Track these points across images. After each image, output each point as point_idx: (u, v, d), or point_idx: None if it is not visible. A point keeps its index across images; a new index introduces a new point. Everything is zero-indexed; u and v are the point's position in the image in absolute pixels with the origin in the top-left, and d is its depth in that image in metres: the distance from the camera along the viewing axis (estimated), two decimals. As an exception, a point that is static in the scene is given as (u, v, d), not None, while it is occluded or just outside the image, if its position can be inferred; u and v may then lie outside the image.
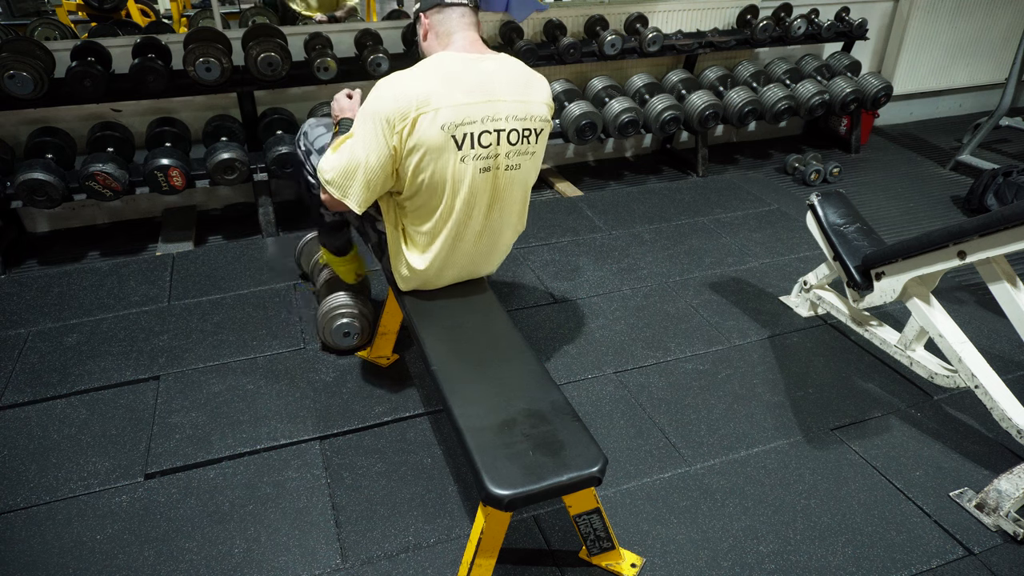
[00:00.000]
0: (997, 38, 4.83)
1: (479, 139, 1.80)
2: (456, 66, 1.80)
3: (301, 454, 2.07)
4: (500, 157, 1.86)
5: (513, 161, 1.89)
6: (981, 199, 3.60)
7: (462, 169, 1.82)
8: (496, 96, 1.82)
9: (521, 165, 1.92)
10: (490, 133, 1.82)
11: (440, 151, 1.78)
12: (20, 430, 2.14)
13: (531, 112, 1.88)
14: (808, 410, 2.26)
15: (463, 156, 1.80)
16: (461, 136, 1.78)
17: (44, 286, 2.89)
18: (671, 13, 4.02)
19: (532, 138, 1.90)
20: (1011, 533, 1.82)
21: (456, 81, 1.77)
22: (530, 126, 1.89)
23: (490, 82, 1.81)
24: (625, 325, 2.66)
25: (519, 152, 1.89)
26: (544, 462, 1.47)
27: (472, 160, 1.82)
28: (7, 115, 3.10)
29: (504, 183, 1.92)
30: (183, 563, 1.74)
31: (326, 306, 2.42)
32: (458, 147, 1.78)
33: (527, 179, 1.99)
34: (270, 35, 3.20)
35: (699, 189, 3.89)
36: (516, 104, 1.85)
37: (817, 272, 2.63)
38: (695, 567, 1.74)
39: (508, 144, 1.86)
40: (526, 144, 1.89)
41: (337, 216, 2.27)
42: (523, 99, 1.86)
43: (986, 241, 1.92)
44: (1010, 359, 2.50)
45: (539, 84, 1.93)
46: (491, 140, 1.82)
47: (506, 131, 1.84)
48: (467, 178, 1.83)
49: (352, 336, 2.44)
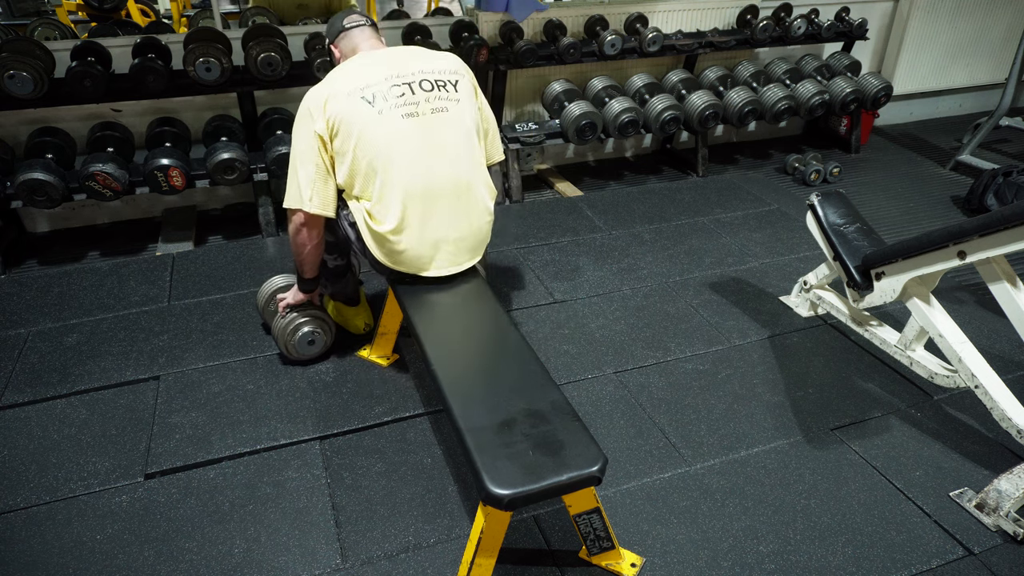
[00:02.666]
0: (997, 38, 4.83)
1: (388, 92, 1.98)
2: (356, 59, 2.09)
3: (301, 454, 2.07)
4: (421, 104, 2.00)
5: (436, 104, 2.03)
6: (981, 199, 3.60)
7: (383, 122, 1.96)
8: (396, 60, 2.05)
9: (448, 108, 2.04)
10: (398, 86, 2.00)
11: (356, 115, 1.94)
12: (20, 430, 2.14)
13: (437, 67, 2.08)
14: (808, 410, 2.26)
15: (379, 110, 1.96)
16: (371, 96, 1.96)
17: (44, 286, 2.89)
18: (671, 13, 4.02)
19: (449, 87, 2.06)
20: (1011, 533, 1.82)
21: (355, 65, 2.04)
22: (443, 77, 2.07)
23: (389, 54, 2.09)
24: (625, 325, 2.66)
25: (439, 97, 2.04)
26: (544, 462, 1.47)
27: (390, 110, 1.97)
28: (7, 115, 3.10)
29: (438, 125, 2.02)
30: (183, 563, 1.74)
31: (287, 317, 2.34)
32: (371, 103, 1.96)
33: (462, 121, 2.07)
34: (270, 35, 3.20)
35: (699, 189, 3.89)
36: (419, 62, 2.07)
37: (817, 272, 2.63)
38: (695, 567, 1.74)
39: (422, 91, 2.02)
40: (444, 91, 2.05)
41: (339, 260, 2.36)
42: (426, 58, 2.10)
43: (986, 241, 1.92)
44: (1010, 359, 2.50)
45: (445, 55, 2.16)
46: (402, 91, 1.99)
47: (416, 80, 2.02)
48: (390, 127, 1.96)
49: (317, 344, 2.39)
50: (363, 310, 2.59)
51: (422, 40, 3.43)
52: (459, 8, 4.73)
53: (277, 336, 2.37)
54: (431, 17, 4.52)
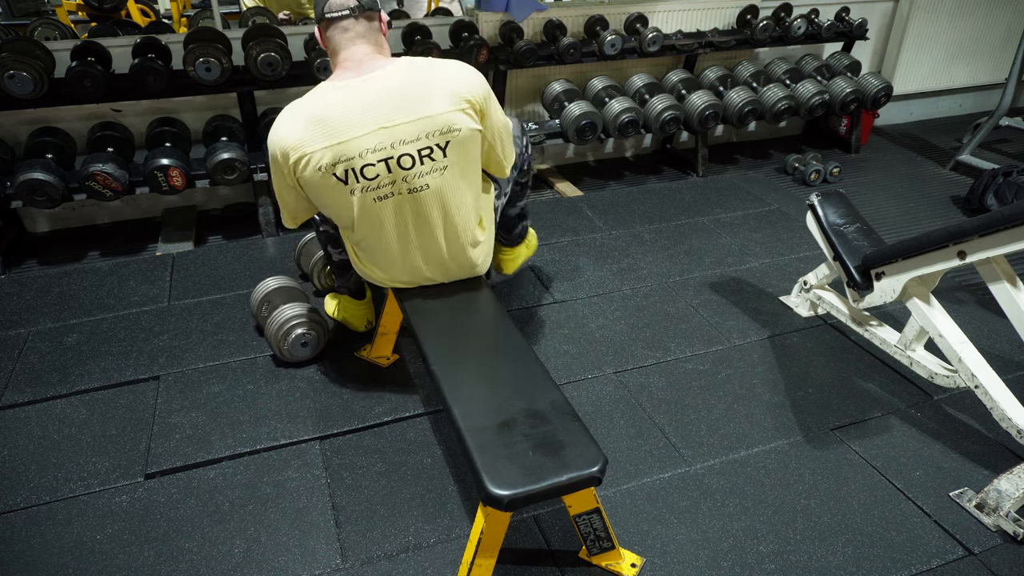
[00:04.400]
0: (997, 38, 4.83)
1: (361, 172, 1.76)
2: (334, 99, 1.75)
3: (301, 454, 2.07)
4: (398, 182, 1.80)
5: (415, 183, 1.81)
6: (981, 199, 3.60)
7: (356, 200, 1.81)
8: (372, 120, 1.73)
9: (429, 184, 1.82)
10: (373, 165, 1.75)
11: (329, 188, 1.78)
12: (20, 430, 2.14)
13: (426, 128, 1.76)
14: (808, 410, 2.26)
15: (351, 190, 1.78)
16: (343, 172, 1.75)
17: (44, 286, 2.89)
18: (671, 13, 4.02)
19: (436, 153, 1.79)
20: (1011, 533, 1.82)
21: (328, 120, 1.72)
22: (428, 143, 1.77)
23: (367, 106, 1.73)
24: (625, 325, 2.66)
25: (420, 174, 1.80)
26: (544, 462, 1.47)
27: (362, 192, 1.79)
28: (7, 115, 3.10)
29: (413, 204, 1.85)
30: (183, 563, 1.74)
31: (279, 319, 2.34)
32: (344, 182, 1.77)
33: (448, 190, 1.86)
34: (270, 35, 3.20)
35: (699, 189, 3.89)
36: (403, 125, 1.74)
37: (817, 272, 2.63)
38: (695, 567, 1.74)
39: (401, 169, 1.78)
40: (429, 162, 1.79)
41: (344, 254, 2.29)
42: (412, 112, 1.74)
43: (986, 241, 1.92)
44: (1010, 359, 2.50)
45: (442, 84, 1.77)
46: (377, 171, 1.77)
47: (395, 157, 1.76)
48: (364, 207, 1.82)
49: (310, 346, 2.38)
50: (368, 305, 2.58)
51: (422, 40, 3.43)
52: (459, 8, 4.73)
53: (270, 338, 2.36)
54: (431, 17, 4.51)
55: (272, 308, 2.45)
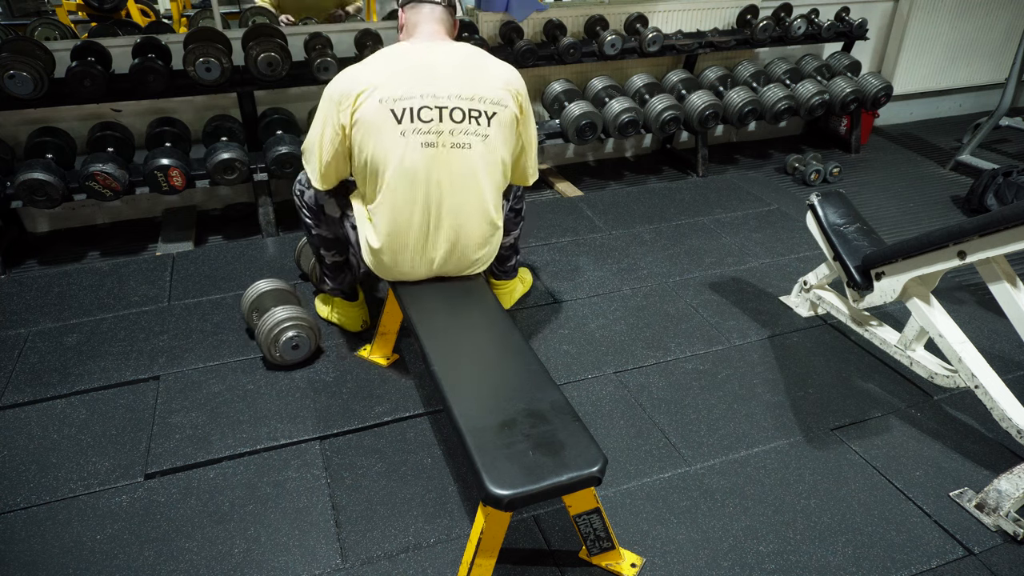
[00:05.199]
0: (997, 38, 4.83)
1: (419, 114, 1.90)
2: (405, 52, 1.97)
3: (301, 454, 2.07)
4: (444, 134, 1.92)
5: (460, 139, 1.94)
6: (981, 199, 3.60)
7: (402, 143, 1.91)
8: (439, 75, 1.93)
9: (472, 144, 1.95)
10: (430, 109, 1.90)
11: (380, 125, 1.90)
12: (20, 430, 2.14)
13: (479, 93, 1.94)
14: (808, 410, 2.26)
15: (403, 130, 1.90)
16: (400, 110, 1.89)
17: (44, 286, 2.89)
18: (671, 13, 4.02)
19: (482, 119, 1.95)
20: (1011, 533, 1.82)
21: (399, 63, 1.94)
22: (479, 107, 1.94)
23: (435, 64, 1.94)
24: (625, 325, 2.66)
25: (467, 131, 1.94)
26: (544, 462, 1.47)
27: (412, 134, 1.90)
28: (7, 115, 3.10)
29: (453, 160, 1.95)
30: (183, 563, 1.74)
31: (270, 321, 2.32)
32: (397, 121, 1.90)
33: (483, 160, 1.98)
34: (270, 35, 3.20)
35: (699, 189, 3.89)
36: (461, 83, 1.93)
37: (817, 272, 2.63)
38: (695, 567, 1.74)
39: (452, 121, 1.92)
40: (475, 124, 1.94)
41: (338, 257, 2.37)
42: (471, 79, 1.94)
43: (986, 241, 1.92)
44: (1010, 359, 2.50)
45: (498, 70, 2.01)
46: (432, 116, 1.91)
47: (448, 108, 1.92)
48: (407, 151, 1.91)
49: (302, 348, 2.36)
50: (361, 306, 2.59)
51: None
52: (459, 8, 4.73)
53: (261, 341, 2.34)
54: (431, 17, 4.51)
55: (263, 311, 2.43)
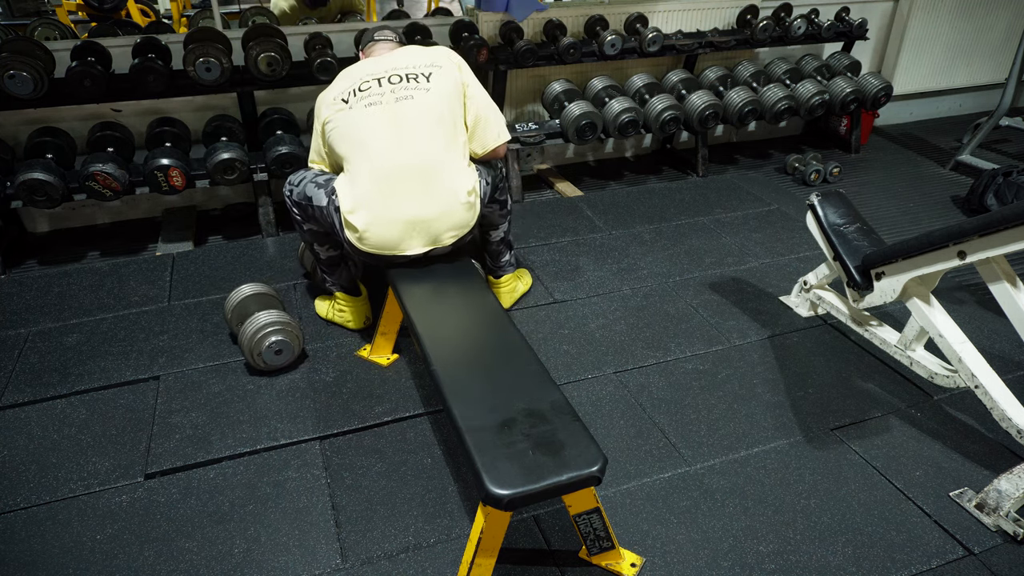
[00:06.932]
0: (997, 38, 4.83)
1: (359, 87, 2.24)
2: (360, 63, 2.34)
3: (301, 454, 2.07)
4: (386, 95, 2.21)
5: (401, 94, 2.21)
6: (981, 199, 3.60)
7: (351, 113, 2.21)
8: (384, 61, 2.29)
9: (413, 96, 2.21)
10: (367, 81, 2.24)
11: (335, 114, 2.24)
12: (20, 430, 2.14)
13: (416, 61, 2.28)
14: (808, 410, 2.26)
15: (351, 105, 2.22)
16: (347, 95, 2.24)
17: (44, 286, 2.89)
18: (671, 13, 4.02)
19: (421, 78, 2.24)
20: (1011, 533, 1.82)
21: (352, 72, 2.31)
22: (416, 71, 2.25)
23: (382, 58, 2.32)
24: (625, 325, 2.66)
25: (406, 88, 2.22)
26: (544, 462, 1.47)
27: (356, 104, 2.22)
28: (7, 115, 3.10)
29: (401, 111, 2.18)
30: (183, 563, 1.74)
31: (251, 327, 2.29)
32: (344, 101, 2.24)
33: (429, 108, 2.20)
34: (270, 35, 3.20)
35: (699, 189, 3.89)
36: (400, 59, 2.29)
37: (817, 272, 2.63)
38: (695, 567, 1.74)
39: (389, 84, 2.23)
40: (412, 82, 2.23)
41: (332, 251, 2.45)
42: (411, 56, 2.31)
43: (986, 241, 1.92)
44: (1010, 359, 2.50)
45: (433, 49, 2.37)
46: (369, 84, 2.23)
47: (386, 75, 2.24)
48: (356, 114, 2.20)
49: (285, 353, 2.34)
50: (364, 301, 2.60)
51: (422, 40, 3.43)
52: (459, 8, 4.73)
53: (243, 345, 2.31)
54: (431, 17, 4.52)
55: (245, 316, 2.40)
